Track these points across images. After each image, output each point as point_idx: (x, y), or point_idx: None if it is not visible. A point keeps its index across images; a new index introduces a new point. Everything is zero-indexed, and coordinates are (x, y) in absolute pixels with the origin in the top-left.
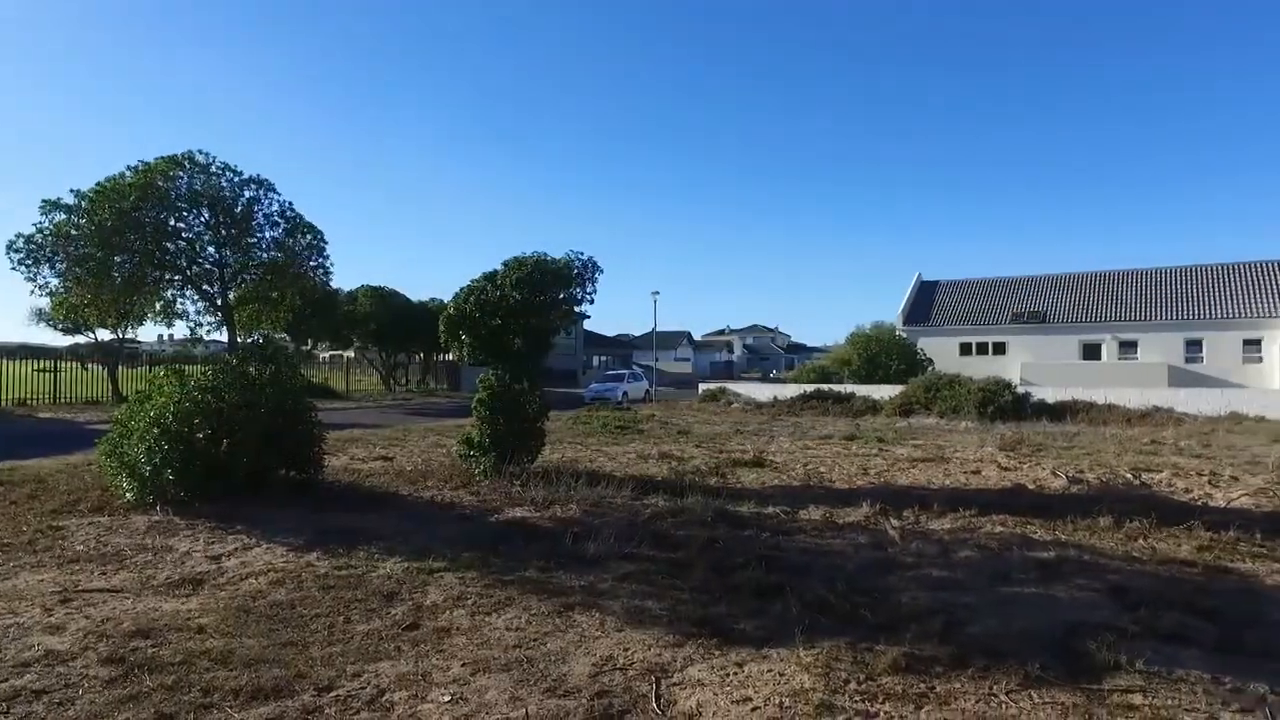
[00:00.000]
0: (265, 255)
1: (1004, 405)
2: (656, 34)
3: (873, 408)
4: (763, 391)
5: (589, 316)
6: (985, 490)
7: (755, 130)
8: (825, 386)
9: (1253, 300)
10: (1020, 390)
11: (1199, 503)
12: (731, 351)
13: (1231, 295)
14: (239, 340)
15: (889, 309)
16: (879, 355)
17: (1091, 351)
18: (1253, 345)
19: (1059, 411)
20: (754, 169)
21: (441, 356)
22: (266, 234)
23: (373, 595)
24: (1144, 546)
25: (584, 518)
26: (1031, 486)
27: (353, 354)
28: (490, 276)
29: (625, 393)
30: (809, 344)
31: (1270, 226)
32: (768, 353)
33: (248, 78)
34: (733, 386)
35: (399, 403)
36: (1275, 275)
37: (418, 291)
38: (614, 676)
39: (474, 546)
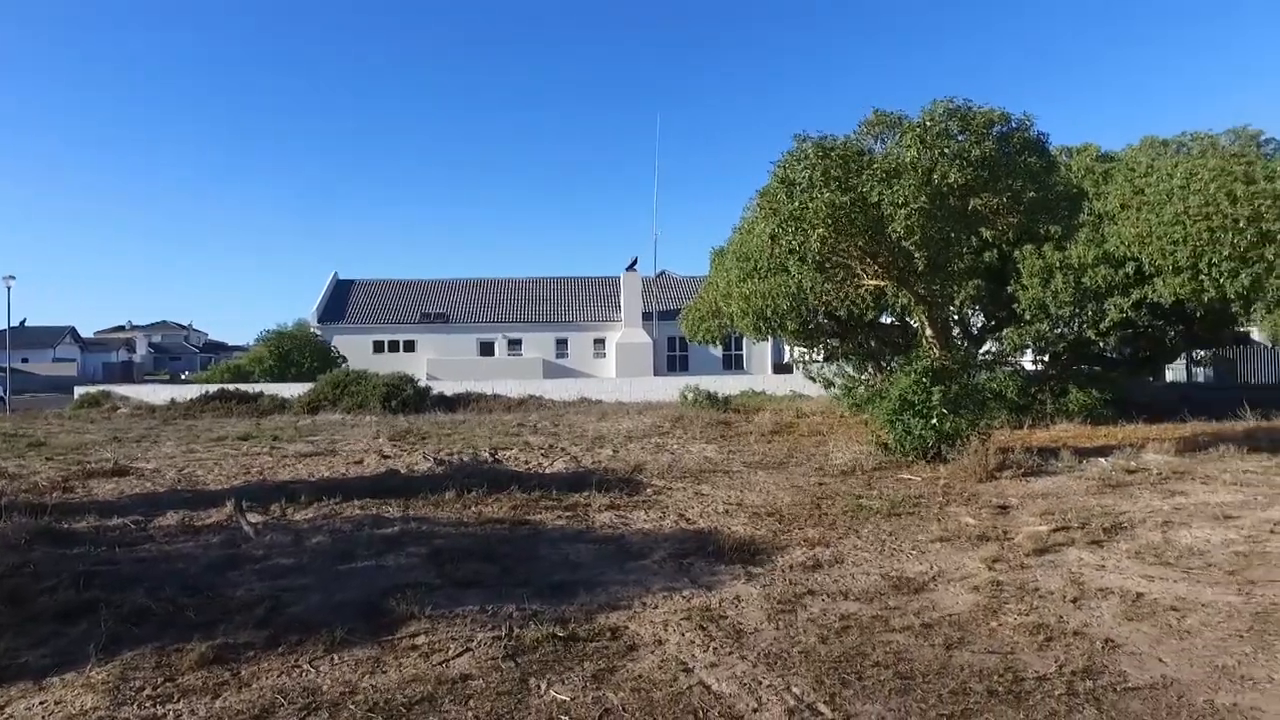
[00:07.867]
0: None
1: (407, 399)
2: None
3: (281, 406)
4: (160, 394)
5: None
6: (362, 478)
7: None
8: (231, 386)
9: (600, 308)
10: (423, 385)
11: (532, 471)
12: (134, 350)
13: (587, 303)
14: None
15: (310, 307)
16: (292, 353)
17: (487, 349)
18: (600, 344)
19: (455, 403)
20: (171, 155)
21: None
22: None
23: None
24: (474, 512)
25: None
26: (404, 471)
27: None
28: None
29: None
30: (230, 343)
31: (615, 246)
32: (180, 352)
33: None
34: (123, 390)
35: None
36: (615, 289)
37: None
38: None
39: None
